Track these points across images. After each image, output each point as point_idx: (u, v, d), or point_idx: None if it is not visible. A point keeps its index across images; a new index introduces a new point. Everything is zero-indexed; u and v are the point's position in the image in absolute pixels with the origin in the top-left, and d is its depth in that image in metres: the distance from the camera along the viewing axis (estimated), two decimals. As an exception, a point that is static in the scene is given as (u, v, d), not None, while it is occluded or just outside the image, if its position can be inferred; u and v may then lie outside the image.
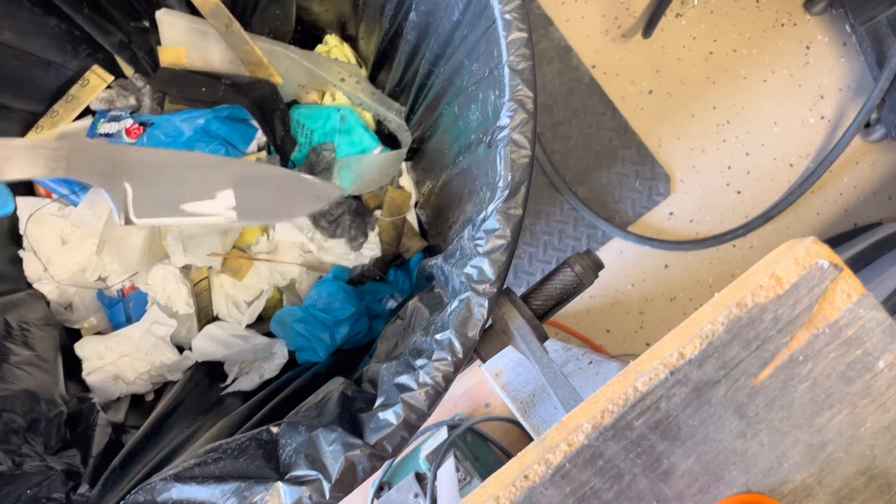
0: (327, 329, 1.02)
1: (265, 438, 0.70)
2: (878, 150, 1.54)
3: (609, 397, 0.42)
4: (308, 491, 0.59)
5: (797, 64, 1.56)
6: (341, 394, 0.72)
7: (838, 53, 1.56)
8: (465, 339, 0.61)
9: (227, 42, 1.06)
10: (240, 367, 1.06)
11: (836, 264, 0.42)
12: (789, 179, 1.52)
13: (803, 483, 0.42)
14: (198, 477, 0.66)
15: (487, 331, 0.67)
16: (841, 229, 1.52)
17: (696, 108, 1.54)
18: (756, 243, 1.50)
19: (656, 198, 1.51)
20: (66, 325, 1.05)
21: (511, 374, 1.01)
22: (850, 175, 1.54)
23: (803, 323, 0.42)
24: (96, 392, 0.99)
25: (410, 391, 0.61)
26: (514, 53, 0.63)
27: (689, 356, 0.42)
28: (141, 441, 0.85)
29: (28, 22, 0.95)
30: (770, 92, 1.55)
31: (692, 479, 0.42)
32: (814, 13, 1.55)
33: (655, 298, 1.50)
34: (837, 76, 1.55)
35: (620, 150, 1.52)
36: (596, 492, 0.41)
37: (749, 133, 1.54)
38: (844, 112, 1.54)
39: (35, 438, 0.78)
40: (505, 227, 0.60)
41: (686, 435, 0.42)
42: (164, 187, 0.55)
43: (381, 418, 0.61)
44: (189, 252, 1.02)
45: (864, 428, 0.42)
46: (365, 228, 1.10)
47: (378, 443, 0.60)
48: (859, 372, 0.42)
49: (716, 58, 1.55)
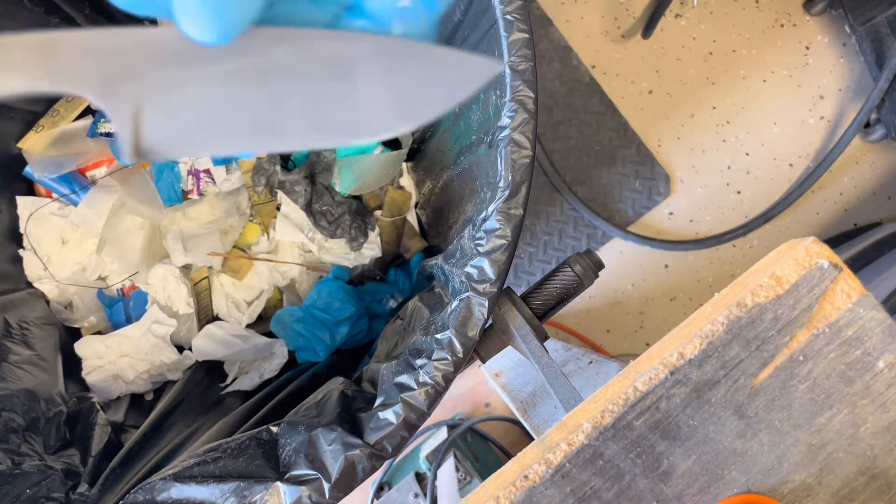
0: (327, 329, 1.02)
1: (265, 438, 0.70)
2: (877, 150, 1.54)
3: (609, 397, 0.42)
4: (308, 490, 0.59)
5: (797, 64, 1.56)
6: (341, 393, 0.72)
7: (838, 54, 1.56)
8: (465, 339, 0.61)
9: (227, 41, 1.06)
10: (240, 367, 1.06)
11: (836, 264, 0.42)
12: (789, 179, 1.52)
13: (803, 483, 0.42)
14: (197, 476, 0.66)
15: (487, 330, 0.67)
16: (841, 229, 1.52)
17: (696, 109, 1.54)
18: (756, 243, 1.50)
19: (656, 198, 1.51)
20: (66, 325, 1.05)
21: (511, 374, 1.01)
22: (850, 175, 1.54)
23: (803, 323, 0.42)
24: (96, 391, 0.99)
25: (410, 391, 0.61)
26: (515, 54, 0.63)
27: (689, 356, 0.42)
28: (140, 440, 0.85)
29: (29, 21, 0.95)
30: (770, 92, 1.55)
31: (692, 479, 0.42)
32: (813, 14, 1.55)
33: (655, 298, 1.50)
34: (837, 76, 1.55)
35: (620, 150, 1.52)
36: (596, 492, 0.41)
37: (749, 133, 1.54)
38: (844, 112, 1.54)
39: (34, 438, 0.78)
40: (505, 227, 0.60)
41: (686, 435, 0.42)
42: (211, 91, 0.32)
43: (381, 418, 0.61)
44: (189, 251, 1.02)
45: (864, 428, 0.42)
46: (365, 228, 1.09)
47: (378, 442, 0.60)
48: (859, 372, 0.42)
49: (715, 58, 1.55)
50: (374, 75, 0.33)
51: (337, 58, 0.32)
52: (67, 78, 0.30)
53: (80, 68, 0.30)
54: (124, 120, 0.30)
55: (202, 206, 1.07)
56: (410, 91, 0.33)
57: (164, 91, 0.31)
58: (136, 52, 0.31)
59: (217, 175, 1.07)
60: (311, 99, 0.32)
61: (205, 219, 1.07)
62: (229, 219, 1.07)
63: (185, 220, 1.07)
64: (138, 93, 0.30)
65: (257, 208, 1.11)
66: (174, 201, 1.06)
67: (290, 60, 0.32)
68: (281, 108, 0.32)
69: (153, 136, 0.31)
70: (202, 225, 1.07)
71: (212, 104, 0.31)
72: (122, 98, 0.30)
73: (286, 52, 0.32)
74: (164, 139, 0.31)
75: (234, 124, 0.31)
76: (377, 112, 0.33)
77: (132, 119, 0.30)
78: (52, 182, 1.03)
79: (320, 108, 0.32)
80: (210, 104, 0.31)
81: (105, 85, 0.30)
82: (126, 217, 1.04)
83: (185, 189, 1.07)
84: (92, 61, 0.30)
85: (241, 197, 1.09)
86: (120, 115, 0.30)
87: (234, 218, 1.08)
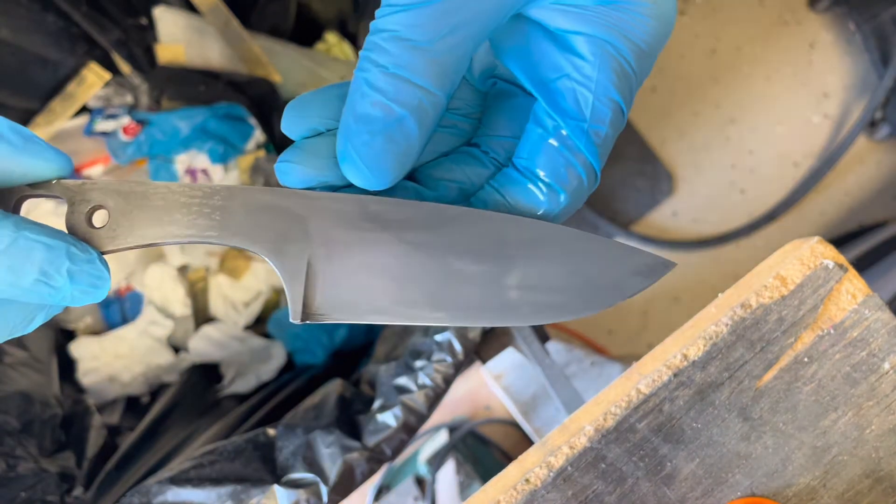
0: (325, 330, 1.01)
1: (262, 441, 0.69)
2: (883, 148, 1.53)
3: (612, 399, 0.42)
4: (305, 494, 0.59)
5: (801, 62, 1.55)
6: (339, 396, 0.72)
7: (842, 51, 1.55)
8: (465, 340, 0.60)
9: (225, 40, 1.06)
10: (237, 369, 1.05)
11: (842, 264, 0.42)
12: (794, 178, 1.52)
13: (808, 486, 0.41)
14: (193, 479, 0.65)
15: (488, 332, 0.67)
16: (846, 229, 1.51)
17: (700, 107, 1.54)
18: (760, 243, 1.49)
19: (659, 197, 1.51)
20: (61, 326, 1.04)
21: (512, 376, 1.00)
22: (855, 174, 1.53)
23: (808, 324, 0.41)
24: (91, 393, 0.98)
25: (409, 393, 0.60)
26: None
27: (693, 358, 0.41)
28: (136, 443, 0.85)
29: (25, 18, 0.95)
30: (774, 90, 1.54)
31: (695, 482, 0.41)
32: (817, 11, 1.55)
33: (658, 299, 1.49)
34: (842, 74, 1.54)
35: (623, 148, 1.51)
36: (598, 495, 0.41)
37: (753, 131, 1.53)
38: (849, 110, 1.53)
39: (29, 440, 0.78)
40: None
41: (689, 438, 0.41)
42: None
43: (380, 420, 0.61)
44: (186, 251, 1.02)
45: (869, 430, 0.41)
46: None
47: (376, 445, 0.60)
48: (864, 373, 0.41)
49: (719, 56, 1.55)
50: (553, 262, 0.33)
51: (515, 242, 0.32)
52: (239, 235, 0.31)
53: (253, 226, 0.31)
54: (295, 279, 0.31)
55: (200, 205, 1.06)
56: (588, 282, 0.33)
57: (335, 255, 0.31)
58: (306, 212, 0.31)
59: (214, 174, 1.07)
60: (486, 281, 0.32)
61: (203, 219, 1.06)
62: (227, 219, 1.07)
63: (183, 219, 1.07)
64: (309, 253, 0.31)
65: (256, 208, 1.10)
66: (172, 201, 1.06)
67: (467, 239, 0.32)
68: (459, 284, 0.32)
69: (323, 297, 0.31)
70: (200, 225, 1.06)
71: (384, 272, 0.31)
72: (293, 257, 0.31)
73: (463, 229, 0.32)
74: (333, 302, 0.31)
75: (407, 295, 0.32)
76: (555, 298, 0.33)
77: (302, 279, 0.31)
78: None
79: (494, 290, 0.32)
80: (382, 272, 0.31)
81: (277, 243, 0.31)
82: (123, 217, 1.04)
83: (182, 189, 1.07)
84: (263, 220, 0.31)
85: (240, 196, 1.09)
86: (291, 274, 0.31)
87: (233, 218, 1.07)
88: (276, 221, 0.31)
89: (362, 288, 0.31)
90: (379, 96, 0.30)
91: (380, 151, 0.30)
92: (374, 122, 0.30)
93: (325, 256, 0.31)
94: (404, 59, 0.29)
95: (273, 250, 0.31)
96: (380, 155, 0.30)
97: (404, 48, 0.29)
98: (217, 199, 0.30)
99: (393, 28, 0.29)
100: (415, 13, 0.29)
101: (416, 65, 0.29)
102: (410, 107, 0.30)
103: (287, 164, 0.32)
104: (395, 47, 0.29)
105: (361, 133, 0.30)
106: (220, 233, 0.30)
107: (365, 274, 0.31)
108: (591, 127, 0.32)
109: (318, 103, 0.33)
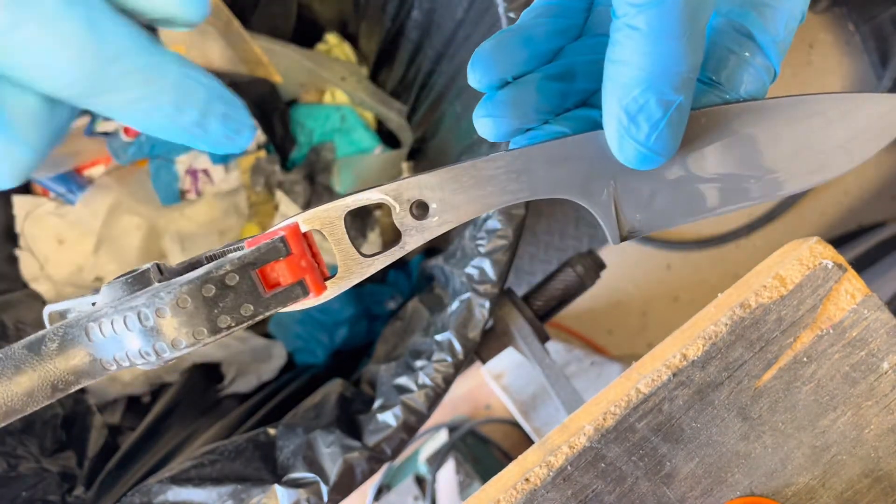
0: (326, 330, 1.01)
1: (262, 440, 0.69)
2: (882, 149, 1.53)
3: (611, 399, 0.42)
4: (305, 493, 0.59)
5: (800, 62, 1.55)
6: (340, 395, 0.72)
7: (841, 52, 1.55)
8: (466, 340, 0.60)
9: (226, 40, 1.06)
10: (237, 369, 1.05)
11: (841, 264, 0.42)
12: (792, 179, 1.51)
13: (807, 486, 0.41)
14: (194, 479, 0.65)
15: (488, 332, 0.67)
16: (845, 229, 1.51)
17: (698, 108, 1.54)
18: (759, 243, 1.49)
19: (658, 198, 1.50)
20: (64, 326, 1.04)
21: (512, 376, 1.00)
22: (855, 174, 1.53)
23: (807, 324, 0.41)
24: (92, 393, 0.98)
25: (410, 393, 0.61)
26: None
27: (692, 357, 0.41)
28: (137, 443, 0.85)
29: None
30: (773, 91, 1.54)
31: (695, 481, 0.41)
32: (816, 11, 1.55)
33: (658, 299, 1.49)
34: (841, 75, 1.54)
35: (622, 149, 1.51)
36: (598, 495, 0.41)
37: (751, 133, 1.53)
38: (847, 111, 1.53)
39: (30, 440, 0.78)
40: (507, 227, 0.60)
41: (689, 437, 0.41)
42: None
43: (380, 420, 0.61)
44: (186, 251, 1.02)
45: (868, 430, 0.41)
46: (365, 229, 1.09)
47: (377, 445, 0.60)
48: (863, 373, 0.41)
49: (718, 57, 1.55)
50: (823, 122, 0.38)
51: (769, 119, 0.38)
52: (548, 187, 0.34)
53: (558, 178, 0.34)
54: (608, 211, 0.34)
55: (200, 205, 1.07)
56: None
57: (631, 178, 0.34)
58: (595, 152, 0.34)
59: (215, 174, 1.07)
60: (770, 153, 0.36)
61: (203, 219, 1.06)
62: (227, 219, 1.07)
63: (182, 219, 1.07)
64: (612, 186, 0.34)
65: (256, 208, 1.11)
66: (172, 201, 1.06)
67: (742, 129, 0.36)
68: (741, 169, 0.35)
69: (634, 218, 0.35)
70: (200, 225, 1.06)
71: (679, 182, 0.34)
72: (599, 193, 0.34)
73: (737, 125, 0.36)
74: (644, 219, 0.35)
75: (706, 193, 0.35)
76: (830, 154, 0.38)
77: (612, 208, 0.34)
78: (48, 181, 1.03)
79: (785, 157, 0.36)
80: (678, 183, 0.34)
81: (583, 186, 0.34)
82: (123, 217, 1.04)
83: (182, 189, 1.07)
84: (563, 169, 0.34)
85: (240, 197, 1.09)
86: (602, 208, 0.34)
87: (233, 218, 1.08)
88: (574, 167, 0.34)
89: (667, 200, 0.34)
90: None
91: (668, 139, 0.31)
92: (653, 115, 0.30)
93: (624, 183, 0.34)
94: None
95: (582, 192, 0.34)
96: (670, 142, 0.31)
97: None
98: (519, 164, 0.33)
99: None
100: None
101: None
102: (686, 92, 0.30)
103: (489, 119, 0.34)
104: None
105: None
106: (531, 191, 0.33)
107: (666, 189, 0.34)
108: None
109: (503, 54, 0.33)
